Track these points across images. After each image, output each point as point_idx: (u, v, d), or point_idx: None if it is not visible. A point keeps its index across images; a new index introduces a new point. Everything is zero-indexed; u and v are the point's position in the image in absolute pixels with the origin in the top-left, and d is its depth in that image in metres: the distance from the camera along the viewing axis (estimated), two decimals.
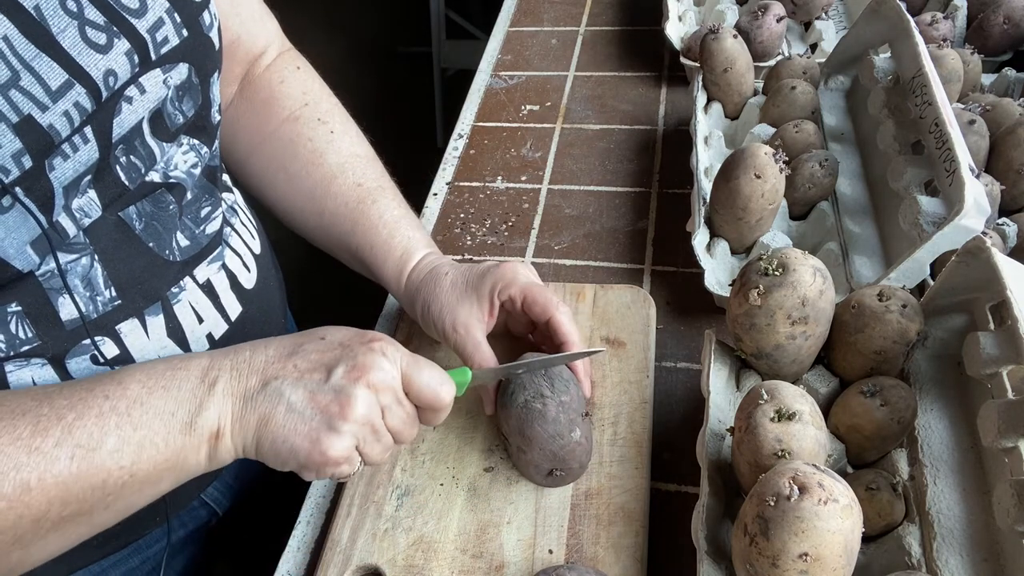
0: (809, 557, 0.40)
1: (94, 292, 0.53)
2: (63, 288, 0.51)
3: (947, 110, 0.63)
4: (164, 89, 0.52)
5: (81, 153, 0.47)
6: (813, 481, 0.41)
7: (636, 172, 0.91)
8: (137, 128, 0.51)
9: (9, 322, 0.49)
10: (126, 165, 0.52)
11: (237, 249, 0.64)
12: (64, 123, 0.45)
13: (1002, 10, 0.86)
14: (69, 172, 0.47)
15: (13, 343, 0.50)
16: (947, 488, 0.50)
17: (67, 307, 0.51)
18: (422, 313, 0.64)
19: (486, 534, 0.58)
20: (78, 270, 0.51)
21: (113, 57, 0.47)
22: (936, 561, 0.47)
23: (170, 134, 0.55)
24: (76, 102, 0.46)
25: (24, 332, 0.50)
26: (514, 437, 0.58)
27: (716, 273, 0.72)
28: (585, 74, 1.07)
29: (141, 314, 0.55)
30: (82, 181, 0.49)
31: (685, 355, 0.71)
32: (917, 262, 0.60)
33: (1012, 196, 0.68)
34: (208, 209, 0.60)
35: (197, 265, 0.59)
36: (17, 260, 0.47)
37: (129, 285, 0.54)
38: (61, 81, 0.45)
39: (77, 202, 0.49)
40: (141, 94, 0.50)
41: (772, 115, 0.82)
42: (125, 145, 0.51)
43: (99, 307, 0.53)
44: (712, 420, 0.55)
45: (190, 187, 0.58)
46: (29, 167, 0.44)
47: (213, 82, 0.57)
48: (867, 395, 0.53)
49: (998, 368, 0.49)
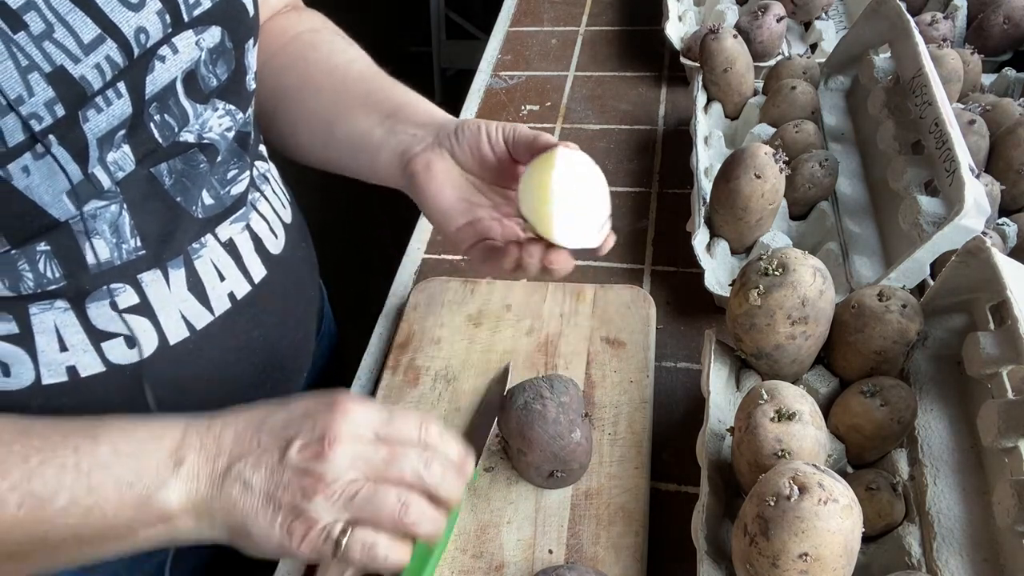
0: (809, 557, 0.40)
1: (120, 239, 0.54)
2: (92, 231, 0.52)
3: (947, 110, 0.63)
4: (197, 51, 0.53)
5: (114, 107, 0.49)
6: (813, 481, 0.41)
7: (636, 172, 0.91)
8: (170, 87, 0.53)
9: (38, 261, 0.51)
10: (160, 123, 0.53)
11: (264, 214, 0.65)
12: (96, 75, 0.47)
13: (1002, 10, 0.86)
14: (103, 124, 0.49)
15: (40, 281, 0.52)
16: (947, 488, 0.50)
17: (93, 251, 0.53)
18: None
19: (486, 534, 0.58)
20: (107, 216, 0.53)
21: (144, 15, 0.49)
22: (936, 561, 0.47)
23: (203, 96, 0.56)
24: (107, 56, 0.47)
25: (52, 272, 0.52)
26: (514, 439, 0.58)
27: (716, 273, 0.72)
28: (585, 74, 1.07)
29: (164, 266, 0.56)
30: (116, 135, 0.50)
31: (685, 355, 0.71)
32: (917, 262, 0.60)
33: (1012, 196, 0.68)
34: (235, 172, 0.61)
35: (219, 224, 0.60)
36: (53, 208, 0.49)
37: (154, 236, 0.56)
38: (93, 35, 0.47)
39: (112, 155, 0.51)
40: (174, 54, 0.52)
41: (772, 115, 0.82)
42: (159, 103, 0.53)
43: (123, 255, 0.54)
44: (712, 420, 0.55)
45: (223, 149, 0.59)
46: (62, 116, 0.46)
47: (248, 49, 0.58)
48: (867, 395, 0.53)
49: (998, 368, 0.49)
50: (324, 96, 0.67)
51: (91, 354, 0.55)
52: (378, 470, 0.46)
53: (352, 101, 0.65)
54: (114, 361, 0.55)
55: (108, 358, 0.55)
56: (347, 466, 0.46)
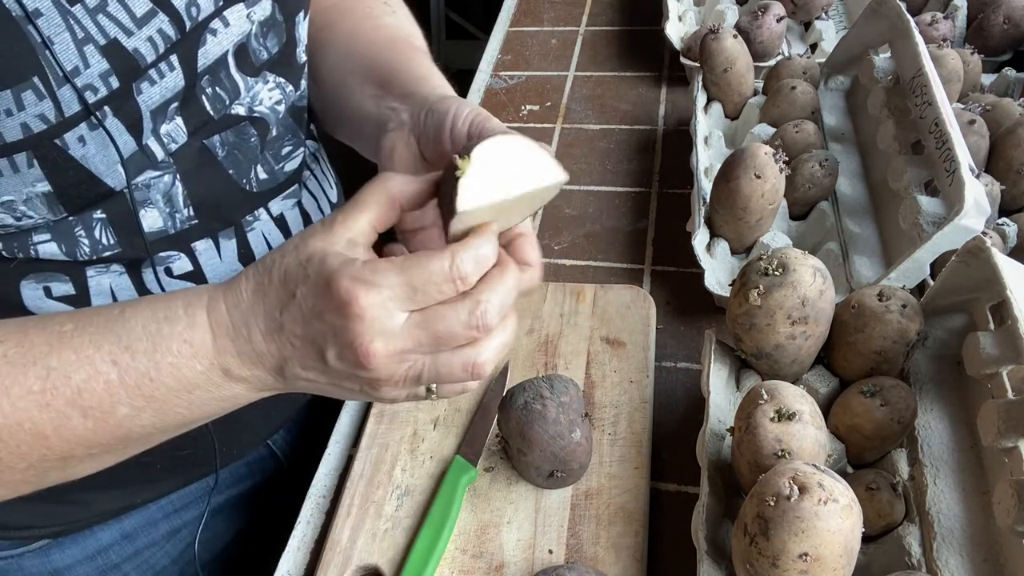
0: (809, 557, 0.40)
1: (173, 209, 0.55)
2: (146, 201, 0.54)
3: (947, 110, 0.63)
4: (248, 24, 0.54)
5: (167, 80, 0.50)
6: (813, 481, 0.41)
7: (636, 172, 0.91)
8: (222, 60, 0.53)
9: (94, 228, 0.53)
10: (212, 96, 0.54)
11: (314, 192, 0.66)
12: (149, 48, 0.48)
13: (1002, 10, 0.86)
14: (156, 97, 0.50)
15: (96, 248, 0.53)
16: (947, 488, 0.50)
17: (148, 219, 0.54)
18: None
19: (486, 534, 0.58)
20: (160, 186, 0.54)
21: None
22: (936, 561, 0.47)
23: (255, 69, 0.57)
24: (160, 29, 0.48)
25: (107, 238, 0.54)
26: (514, 439, 0.58)
27: (716, 273, 0.72)
28: (585, 74, 1.07)
29: (216, 235, 0.58)
30: (169, 107, 0.51)
31: (685, 355, 0.71)
32: (917, 262, 0.60)
33: (1012, 196, 0.68)
34: (290, 148, 0.62)
35: (272, 198, 0.61)
36: (108, 177, 0.50)
37: (206, 206, 0.57)
38: (146, 9, 0.47)
39: (165, 127, 0.52)
40: (225, 27, 0.52)
41: (772, 115, 0.82)
42: (211, 76, 0.53)
43: (177, 224, 0.56)
44: (712, 420, 0.55)
45: (274, 123, 0.60)
46: (116, 87, 0.47)
47: (299, 22, 0.59)
48: (867, 395, 0.53)
49: (998, 368, 0.49)
50: (337, 62, 0.63)
51: None
52: (429, 346, 0.41)
53: (357, 69, 0.61)
54: None
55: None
56: (396, 362, 0.41)
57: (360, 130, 0.59)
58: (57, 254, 0.53)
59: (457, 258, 0.40)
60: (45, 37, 0.44)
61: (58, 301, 0.54)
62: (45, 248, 0.53)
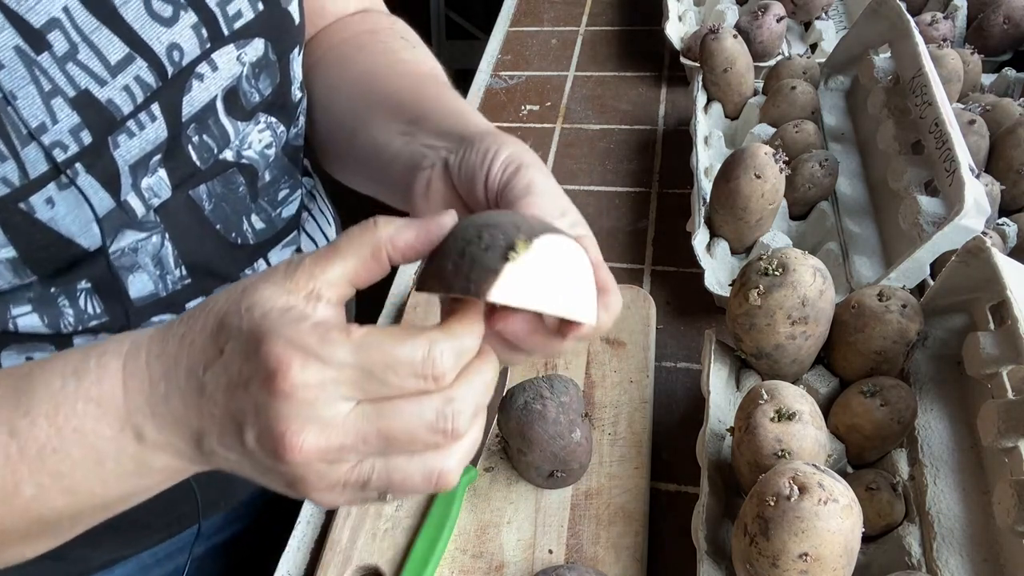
0: (809, 557, 0.40)
1: (164, 271, 0.51)
2: (134, 265, 0.49)
3: (947, 110, 0.63)
4: (238, 66, 0.49)
5: (148, 131, 0.46)
6: (813, 481, 0.41)
7: (636, 172, 0.91)
8: (210, 107, 0.49)
9: (79, 297, 0.48)
10: (198, 144, 0.50)
11: (312, 235, 0.62)
12: (125, 98, 0.44)
13: (1002, 10, 0.86)
14: (135, 150, 0.45)
15: (82, 318, 0.49)
16: (947, 488, 0.50)
17: (136, 284, 0.50)
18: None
19: (486, 534, 0.58)
20: (148, 248, 0.50)
21: (178, 31, 0.45)
22: (936, 561, 0.47)
23: (246, 113, 0.52)
24: (137, 76, 0.44)
25: (93, 307, 0.49)
26: (514, 439, 0.58)
27: (716, 273, 0.72)
28: (585, 74, 1.07)
29: (211, 293, 0.53)
30: (151, 160, 0.47)
31: (685, 355, 0.71)
32: (917, 262, 0.60)
33: (1012, 196, 0.68)
34: (286, 192, 0.58)
35: (271, 248, 0.57)
36: (82, 238, 0.45)
37: (200, 265, 0.52)
38: (121, 55, 0.43)
39: (146, 181, 0.48)
40: (213, 71, 0.48)
41: (772, 115, 0.82)
42: (197, 124, 0.49)
43: (169, 286, 0.51)
44: (712, 420, 0.55)
45: (263, 168, 0.55)
46: (89, 143, 0.43)
47: (293, 59, 0.54)
48: (867, 395, 0.53)
49: (998, 368, 0.49)
50: (351, 102, 0.57)
51: None
52: (378, 448, 0.32)
53: (379, 106, 0.53)
54: None
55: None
56: (329, 462, 0.32)
57: (386, 171, 0.50)
58: (39, 327, 0.48)
59: (436, 350, 0.31)
60: (6, 92, 0.40)
61: None
62: (25, 321, 0.48)
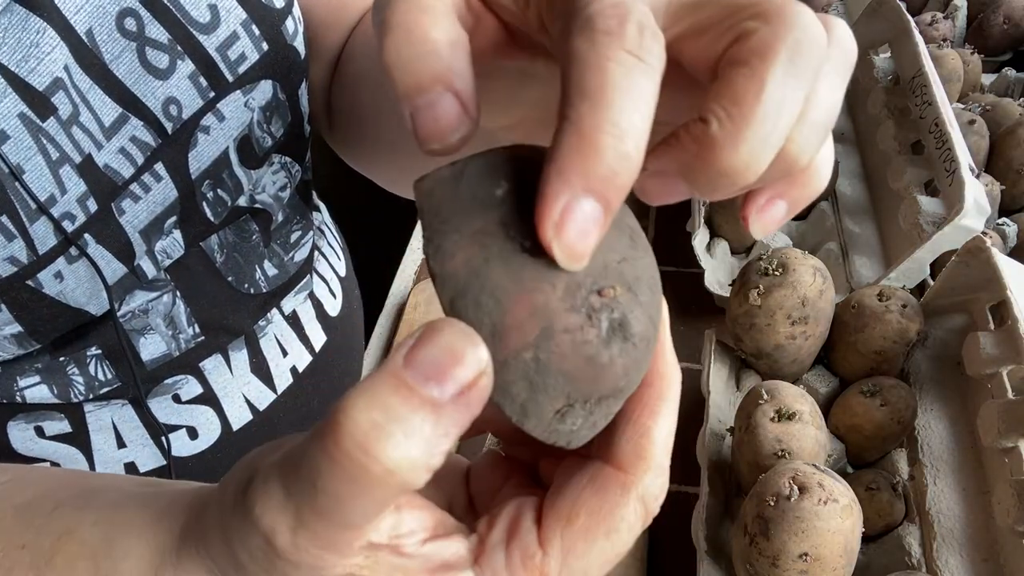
0: (809, 557, 0.40)
1: (176, 330, 0.48)
2: (146, 328, 0.46)
3: (947, 110, 0.63)
4: (247, 113, 0.45)
5: (155, 193, 0.42)
6: (813, 481, 0.41)
7: None
8: (223, 159, 0.45)
9: (88, 364, 0.46)
10: (213, 200, 0.46)
11: (324, 275, 0.59)
12: (122, 161, 0.41)
13: (1002, 10, 0.86)
14: (143, 215, 0.42)
15: (92, 385, 0.46)
16: (947, 488, 0.50)
17: (149, 347, 0.47)
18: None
19: None
20: (159, 308, 0.47)
21: (174, 83, 0.42)
22: (936, 561, 0.47)
23: (259, 159, 0.48)
24: (133, 137, 0.41)
25: (104, 374, 0.46)
26: None
27: (716, 273, 0.72)
28: None
29: (225, 350, 0.51)
30: (166, 222, 0.44)
31: (685, 355, 0.71)
32: (917, 262, 0.60)
33: (1012, 196, 0.68)
34: (298, 234, 0.55)
35: (284, 296, 0.54)
36: (91, 306, 0.43)
37: (213, 321, 0.49)
38: (115, 116, 0.40)
39: (160, 244, 0.45)
40: (220, 122, 0.44)
41: None
42: (211, 180, 0.45)
43: (182, 345, 0.49)
44: (712, 420, 0.55)
45: (276, 211, 0.52)
46: (95, 211, 0.40)
47: (301, 94, 0.50)
48: (867, 395, 0.53)
49: (998, 368, 0.49)
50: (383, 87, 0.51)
51: (150, 448, 0.49)
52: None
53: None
54: (175, 454, 0.50)
55: (169, 452, 0.49)
56: None
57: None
58: (48, 397, 0.45)
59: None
60: (13, 166, 0.36)
61: (52, 441, 0.47)
62: (34, 392, 0.45)
